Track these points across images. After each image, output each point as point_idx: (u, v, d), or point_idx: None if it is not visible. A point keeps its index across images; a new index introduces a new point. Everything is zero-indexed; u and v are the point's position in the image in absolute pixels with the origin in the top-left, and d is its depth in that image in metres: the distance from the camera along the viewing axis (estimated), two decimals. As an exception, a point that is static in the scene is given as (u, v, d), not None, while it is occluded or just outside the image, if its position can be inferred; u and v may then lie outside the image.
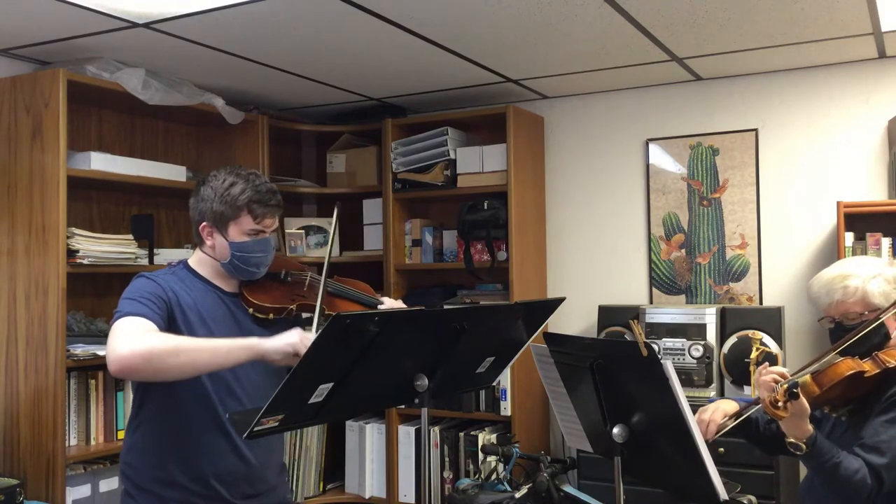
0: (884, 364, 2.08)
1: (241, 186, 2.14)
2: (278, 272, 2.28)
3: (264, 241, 2.18)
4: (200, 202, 2.17)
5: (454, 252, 4.00)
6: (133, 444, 2.18)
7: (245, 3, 2.62)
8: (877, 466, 2.00)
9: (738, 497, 2.37)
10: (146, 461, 2.14)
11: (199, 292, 2.17)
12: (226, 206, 2.13)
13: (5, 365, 3.01)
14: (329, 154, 4.31)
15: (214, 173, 2.19)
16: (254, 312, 2.20)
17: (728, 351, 3.38)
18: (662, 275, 3.88)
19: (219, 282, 2.22)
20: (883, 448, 2.01)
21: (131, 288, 2.07)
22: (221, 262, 2.18)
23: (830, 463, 2.00)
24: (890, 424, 2.04)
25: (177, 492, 2.11)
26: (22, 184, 3.00)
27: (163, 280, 2.12)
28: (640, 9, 2.78)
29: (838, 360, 2.08)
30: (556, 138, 4.13)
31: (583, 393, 1.92)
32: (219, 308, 2.18)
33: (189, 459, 2.11)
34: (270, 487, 2.27)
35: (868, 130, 3.51)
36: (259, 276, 2.22)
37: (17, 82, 3.04)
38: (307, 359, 1.63)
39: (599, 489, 2.98)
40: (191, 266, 2.23)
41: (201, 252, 2.23)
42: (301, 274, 2.33)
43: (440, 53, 3.25)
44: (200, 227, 2.18)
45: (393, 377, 1.88)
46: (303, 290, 2.29)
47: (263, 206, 2.15)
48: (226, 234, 2.15)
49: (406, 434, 3.88)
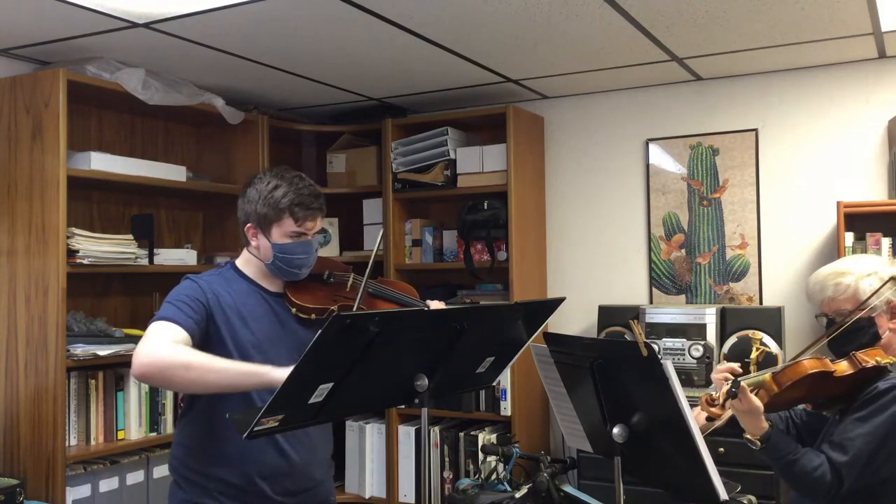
0: (860, 364, 2.06)
1: (284, 189, 2.18)
2: (321, 273, 2.33)
3: (307, 243, 2.23)
4: (246, 203, 2.23)
5: (454, 252, 4.00)
6: (181, 441, 2.23)
7: (245, 3, 2.62)
8: (837, 464, 2.01)
9: (738, 497, 2.38)
10: (192, 458, 2.19)
11: (243, 292, 2.22)
12: (269, 209, 2.18)
13: (5, 365, 3.01)
14: (329, 154, 4.31)
15: (260, 175, 2.25)
16: (296, 312, 2.25)
17: (728, 351, 3.38)
18: (662, 275, 3.88)
19: (264, 282, 2.27)
20: (847, 446, 2.02)
21: (175, 290, 2.15)
22: (265, 263, 2.23)
23: (786, 460, 2.02)
24: (859, 423, 2.04)
25: (221, 485, 2.15)
26: (22, 184, 3.00)
27: (205, 281, 2.17)
28: (640, 9, 2.78)
29: (801, 359, 2.08)
30: (556, 138, 4.13)
31: (583, 393, 1.92)
32: (261, 307, 2.22)
33: (232, 457, 2.15)
34: (315, 484, 2.30)
35: (868, 130, 3.51)
36: (302, 277, 2.26)
37: (17, 82, 3.04)
38: (307, 359, 1.62)
39: (599, 489, 2.98)
40: (237, 266, 2.29)
41: (248, 252, 2.29)
42: (344, 275, 2.39)
43: (440, 53, 3.25)
44: (246, 228, 2.24)
45: (393, 377, 1.88)
46: (345, 291, 2.33)
47: (305, 209, 2.20)
48: (269, 235, 2.20)
49: (406, 434, 3.88)
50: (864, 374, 2.06)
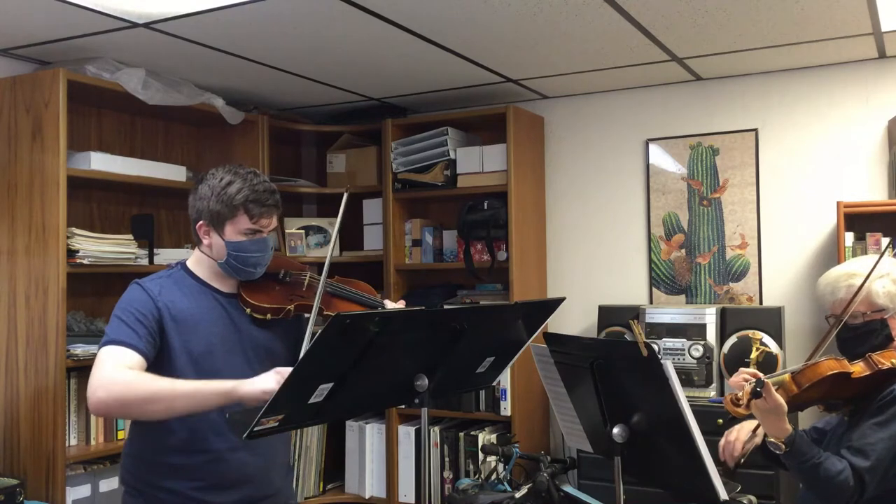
0: (877, 366, 2.05)
1: (238, 185, 2.11)
2: (277, 272, 2.25)
3: (262, 241, 2.15)
4: (198, 200, 2.15)
5: (454, 252, 4.00)
6: (131, 450, 2.18)
7: (245, 3, 2.62)
8: (860, 469, 1.97)
9: (738, 497, 2.37)
10: (144, 465, 2.13)
11: (195, 295, 2.15)
12: (222, 205, 2.11)
13: (5, 365, 3.01)
14: (329, 154, 4.31)
15: (213, 171, 2.17)
16: (251, 313, 2.18)
17: (728, 351, 3.38)
18: (662, 275, 3.88)
19: (216, 283, 2.20)
20: (868, 451, 1.99)
21: (122, 302, 2.07)
22: (218, 262, 2.16)
23: (810, 463, 1.98)
24: (878, 427, 2.02)
25: (175, 496, 2.10)
26: (22, 184, 3.00)
27: (154, 288, 2.10)
28: (640, 9, 2.78)
29: (821, 359, 2.06)
30: (556, 138, 4.13)
31: (583, 393, 1.92)
32: (214, 311, 2.16)
33: (187, 467, 2.10)
34: (275, 491, 2.25)
35: (868, 130, 3.51)
36: (257, 276, 2.19)
37: (17, 82, 3.04)
38: (307, 359, 1.62)
39: (599, 489, 2.98)
40: (188, 267, 2.22)
41: (199, 252, 2.22)
42: (301, 274, 2.30)
43: (440, 53, 3.25)
44: (198, 226, 2.16)
45: (393, 377, 1.87)
46: (302, 291, 2.26)
47: (260, 205, 2.12)
48: (222, 233, 2.12)
49: (406, 434, 3.88)
50: (880, 376, 2.05)
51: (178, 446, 2.09)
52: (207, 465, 2.10)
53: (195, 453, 2.09)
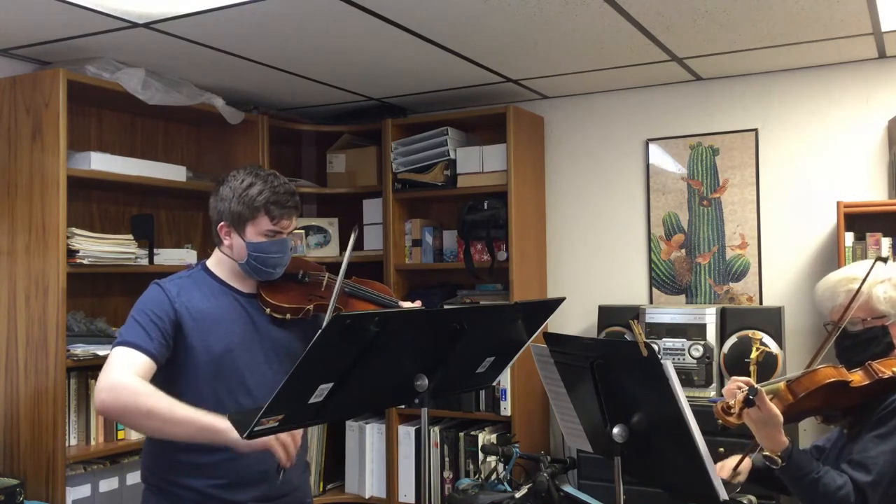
0: (877, 374, 1.96)
1: (259, 187, 2.14)
2: (296, 272, 2.29)
3: (281, 242, 2.18)
4: (219, 202, 2.18)
5: (454, 252, 4.00)
6: (150, 447, 2.19)
7: (245, 3, 2.62)
8: (861, 484, 1.90)
9: (738, 497, 2.37)
10: (164, 462, 2.15)
11: (215, 295, 2.18)
12: (243, 207, 2.13)
13: (5, 365, 3.01)
14: (329, 154, 4.31)
15: (234, 173, 2.19)
16: (271, 313, 2.21)
17: (728, 351, 3.38)
18: (662, 275, 3.88)
19: (236, 283, 2.22)
20: (869, 465, 1.91)
21: (139, 302, 2.10)
22: (239, 263, 2.19)
23: (809, 478, 1.90)
24: (879, 440, 1.93)
25: (194, 493, 2.11)
26: (22, 184, 3.00)
27: (173, 289, 2.13)
28: (640, 9, 2.78)
29: (818, 367, 1.98)
30: (556, 138, 4.13)
31: (583, 393, 1.92)
32: (234, 310, 2.18)
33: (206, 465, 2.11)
34: (293, 488, 2.26)
35: (868, 130, 3.51)
36: (276, 277, 2.22)
37: (17, 82, 3.04)
38: (307, 359, 1.62)
39: (599, 489, 2.98)
40: (208, 267, 2.24)
41: (220, 252, 2.24)
42: (319, 274, 2.34)
43: (440, 53, 3.25)
44: (219, 227, 2.19)
45: (393, 377, 1.88)
46: (320, 291, 2.29)
47: (280, 207, 2.15)
48: (243, 234, 2.15)
49: (406, 434, 3.88)
50: (880, 385, 1.96)
51: (198, 444, 2.09)
52: (227, 463, 2.11)
53: (215, 451, 2.08)
